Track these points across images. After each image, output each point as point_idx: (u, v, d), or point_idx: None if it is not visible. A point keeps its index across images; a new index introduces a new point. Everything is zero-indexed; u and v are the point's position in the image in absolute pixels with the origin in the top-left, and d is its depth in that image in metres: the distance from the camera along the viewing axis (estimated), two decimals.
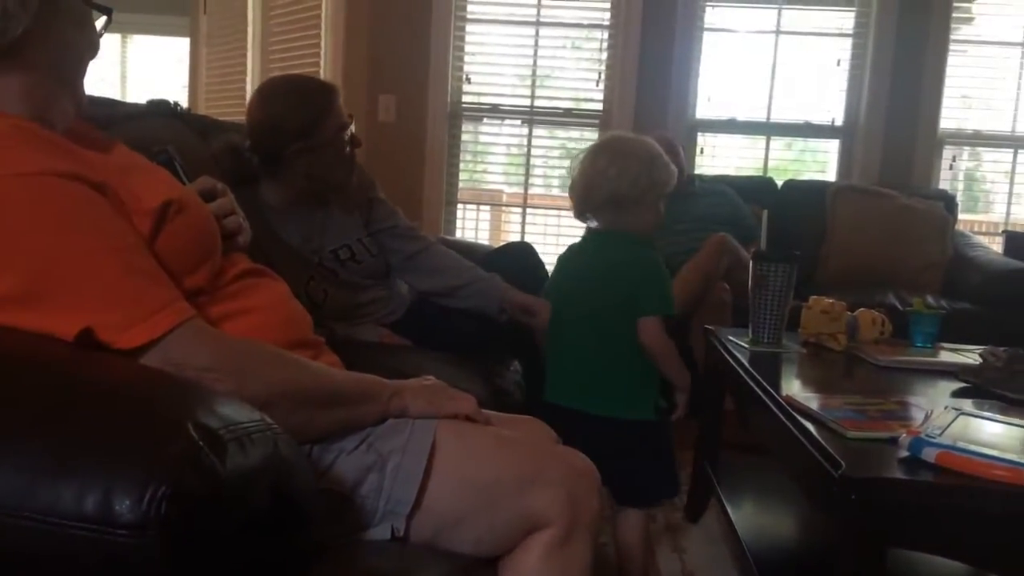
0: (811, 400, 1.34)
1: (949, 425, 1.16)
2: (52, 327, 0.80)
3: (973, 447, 1.07)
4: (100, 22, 1.00)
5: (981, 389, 1.53)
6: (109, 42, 6.33)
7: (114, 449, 0.63)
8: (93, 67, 1.02)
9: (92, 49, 0.99)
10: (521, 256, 2.14)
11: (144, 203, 0.92)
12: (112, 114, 1.54)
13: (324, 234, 1.88)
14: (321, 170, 1.80)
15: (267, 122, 1.76)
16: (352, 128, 1.85)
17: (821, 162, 4.14)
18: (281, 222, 1.82)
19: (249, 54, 4.06)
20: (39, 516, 0.61)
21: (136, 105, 1.80)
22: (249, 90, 4.16)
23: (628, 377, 1.62)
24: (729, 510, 1.80)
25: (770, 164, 4.00)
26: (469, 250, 2.48)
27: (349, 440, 1.00)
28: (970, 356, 1.78)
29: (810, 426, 1.23)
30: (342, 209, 1.93)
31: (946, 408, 1.26)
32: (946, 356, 1.84)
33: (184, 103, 1.99)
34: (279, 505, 0.72)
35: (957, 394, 1.53)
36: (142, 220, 0.91)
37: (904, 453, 1.10)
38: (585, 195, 1.66)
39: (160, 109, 1.78)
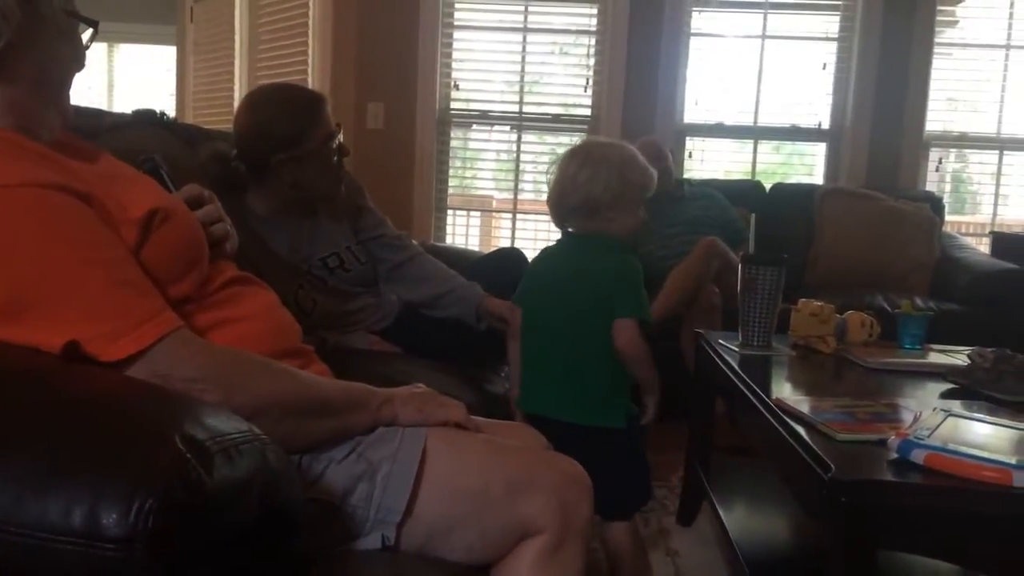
0: (801, 403, 1.34)
1: (938, 427, 1.17)
2: (38, 340, 0.80)
3: (961, 448, 1.08)
4: (87, 35, 1.00)
5: (969, 390, 1.54)
6: (96, 51, 6.30)
7: (100, 462, 0.63)
8: (80, 76, 1.01)
9: (78, 62, 0.99)
10: (510, 262, 2.13)
11: (130, 212, 0.91)
12: (98, 124, 1.53)
13: (313, 242, 1.88)
14: (308, 180, 1.79)
15: (254, 131, 1.76)
16: (340, 137, 1.85)
17: (808, 165, 4.17)
18: (269, 231, 1.82)
19: (236, 63, 4.05)
20: (26, 530, 0.60)
21: (122, 115, 1.80)
22: (237, 99, 4.15)
23: (599, 384, 1.59)
24: (721, 513, 1.80)
25: (758, 167, 4.02)
26: (459, 256, 2.48)
27: (339, 449, 1.00)
28: (958, 357, 1.79)
29: (800, 429, 1.24)
30: (330, 218, 1.93)
31: (935, 410, 1.27)
32: (935, 357, 1.84)
33: (171, 112, 1.99)
34: (268, 516, 0.71)
35: (946, 395, 1.54)
36: (128, 229, 0.90)
37: (893, 455, 1.10)
38: (559, 201, 1.66)
39: (146, 118, 1.78)
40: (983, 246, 3.67)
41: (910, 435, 1.10)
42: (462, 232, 4.22)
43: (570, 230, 1.71)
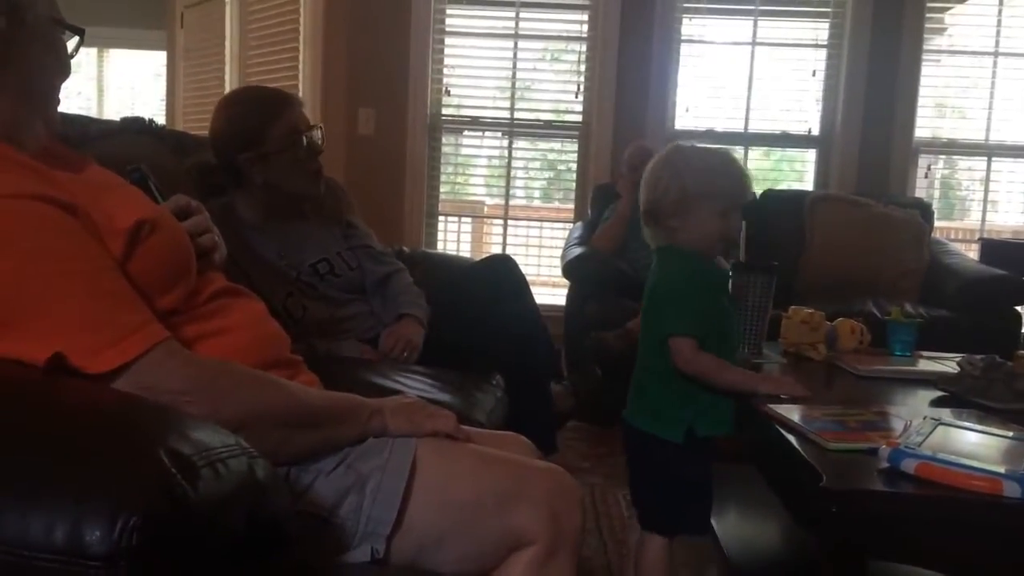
0: (792, 411, 1.34)
1: (928, 435, 1.17)
2: (21, 353, 0.79)
3: (951, 458, 1.08)
4: (72, 43, 0.99)
5: (959, 398, 1.54)
6: (85, 56, 6.29)
7: (84, 478, 0.62)
8: (69, 81, 1.00)
9: (63, 71, 0.98)
10: (501, 269, 2.13)
11: (116, 223, 0.90)
12: (85, 132, 1.52)
13: (302, 248, 1.87)
14: (276, 178, 1.79)
15: (218, 133, 1.79)
16: (318, 136, 1.84)
17: (799, 172, 4.19)
18: (257, 237, 1.82)
19: (227, 68, 4.04)
20: (7, 547, 0.59)
21: (110, 122, 1.78)
22: None
23: (653, 395, 1.54)
24: (713, 521, 1.80)
25: (749, 174, 4.02)
26: (449, 263, 2.48)
27: (327, 461, 0.99)
28: (948, 364, 1.79)
29: (791, 438, 1.24)
30: (319, 222, 1.92)
31: (925, 418, 1.27)
32: (925, 364, 1.85)
33: (161, 118, 1.98)
34: (255, 529, 0.71)
35: (936, 403, 1.54)
36: (114, 240, 0.90)
37: (884, 464, 1.10)
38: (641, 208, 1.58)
39: (134, 126, 1.77)
40: (972, 252, 3.69)
41: (900, 444, 1.10)
42: (453, 238, 4.22)
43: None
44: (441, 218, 4.11)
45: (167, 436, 0.67)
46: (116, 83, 6.19)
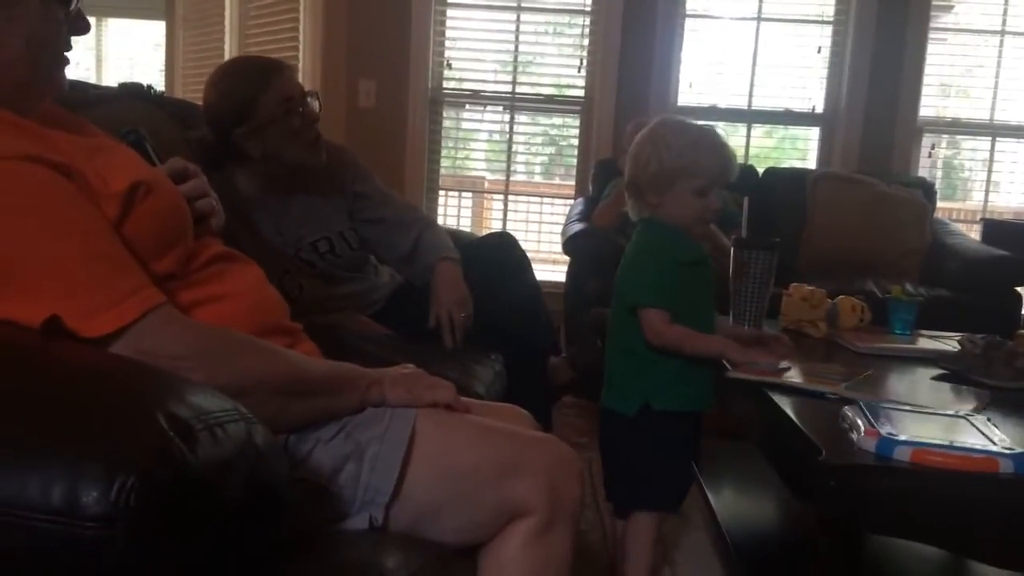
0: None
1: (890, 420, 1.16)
2: (17, 315, 0.78)
3: (942, 441, 1.09)
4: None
5: (960, 376, 1.54)
6: None
7: (81, 439, 0.61)
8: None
9: (73, 24, 0.95)
10: (502, 247, 2.11)
11: (112, 185, 0.89)
12: (84, 97, 1.50)
13: (302, 224, 1.84)
14: (273, 150, 1.74)
15: (210, 109, 1.75)
16: (314, 104, 1.79)
17: (802, 150, 4.16)
18: (256, 213, 1.78)
19: (227, 38, 4.00)
20: (3, 508, 0.59)
21: (108, 88, 1.76)
22: None
23: (616, 369, 1.54)
24: (710, 497, 1.81)
25: (751, 151, 4.01)
26: (453, 238, 2.46)
27: (326, 429, 0.99)
28: (948, 343, 1.79)
29: (790, 412, 1.24)
30: (322, 195, 1.89)
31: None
32: (924, 343, 1.85)
33: (160, 87, 1.95)
34: (253, 495, 0.70)
35: (936, 380, 1.54)
36: (110, 203, 0.88)
37: (872, 454, 1.09)
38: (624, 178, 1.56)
39: (133, 92, 1.75)
40: (974, 232, 3.68)
41: (882, 433, 1.10)
42: (453, 213, 4.20)
43: None
44: (441, 193, 4.09)
45: (165, 399, 0.67)
46: (115, 52, 6.13)
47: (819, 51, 3.87)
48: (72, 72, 1.00)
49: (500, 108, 4.02)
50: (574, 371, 2.27)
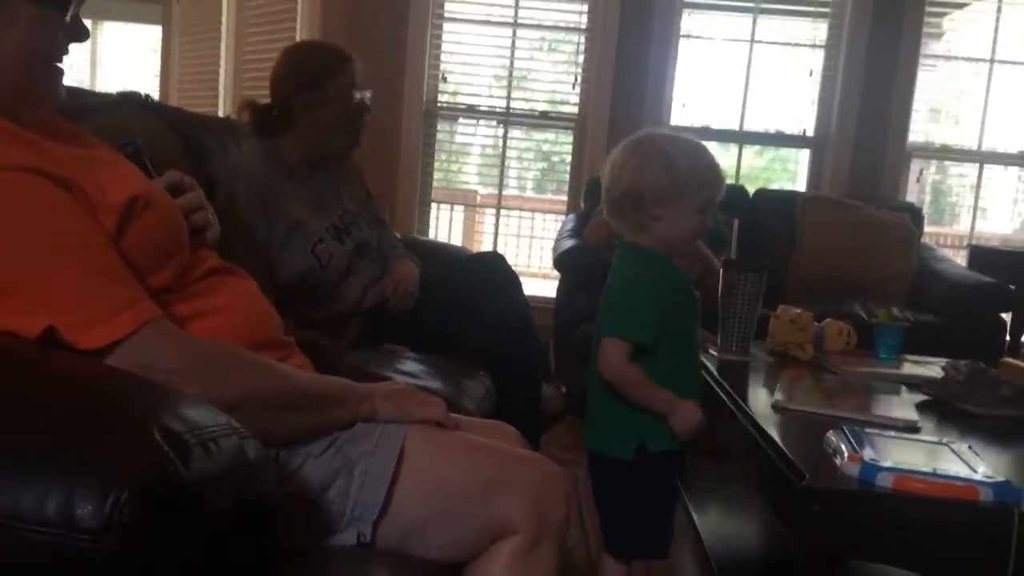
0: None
1: (874, 446, 1.17)
2: (14, 325, 0.79)
3: (924, 468, 1.10)
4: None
5: (943, 402, 1.56)
6: None
7: (76, 452, 0.62)
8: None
9: (70, 30, 0.95)
10: (493, 266, 2.14)
11: (110, 198, 0.90)
12: (81, 105, 1.51)
13: (337, 199, 1.98)
14: (324, 124, 1.90)
15: (284, 71, 1.91)
16: (368, 98, 1.96)
17: (792, 171, 4.20)
18: (295, 180, 1.90)
19: (223, 45, 4.01)
20: None
21: (106, 95, 1.77)
22: (222, 82, 4.10)
23: (603, 407, 1.44)
24: (694, 517, 1.81)
25: (743, 171, 4.04)
26: (441, 252, 2.48)
27: (317, 444, 0.99)
28: (933, 368, 1.81)
29: (775, 435, 1.25)
30: (350, 183, 2.06)
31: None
32: (909, 368, 1.86)
33: (155, 92, 1.98)
34: (245, 510, 0.71)
35: (920, 407, 1.55)
36: (107, 216, 0.89)
37: (856, 480, 1.10)
38: (606, 196, 1.48)
39: (131, 101, 1.75)
40: (961, 258, 3.72)
41: (864, 459, 1.11)
42: (445, 226, 4.21)
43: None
44: (433, 206, 4.10)
45: (160, 413, 0.67)
46: (110, 56, 6.13)
47: (811, 74, 3.91)
48: (67, 74, 1.00)
49: (494, 123, 4.04)
50: (567, 399, 2.27)
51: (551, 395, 2.25)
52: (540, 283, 3.84)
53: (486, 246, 4.11)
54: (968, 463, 1.15)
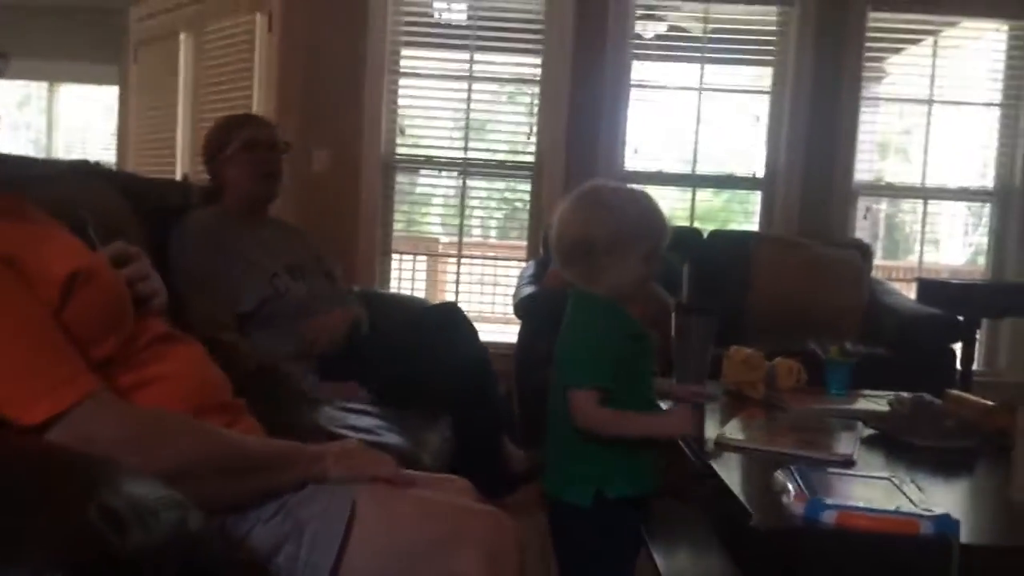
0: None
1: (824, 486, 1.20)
2: None
3: (863, 503, 1.13)
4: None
5: (888, 436, 1.60)
6: (36, 90, 6.21)
7: (11, 532, 0.62)
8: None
9: None
10: (451, 317, 2.17)
11: (52, 272, 0.91)
12: (28, 175, 1.51)
13: (282, 248, 2.17)
14: (234, 177, 2.17)
15: (202, 147, 2.25)
16: (280, 147, 2.23)
17: (749, 211, 4.30)
18: (247, 228, 2.13)
19: (180, 105, 4.03)
20: None
21: (56, 163, 1.78)
22: (180, 141, 4.12)
23: (568, 451, 1.44)
24: (656, 558, 1.82)
25: (698, 210, 4.13)
26: (402, 305, 2.51)
27: (266, 508, 0.99)
28: (882, 403, 1.85)
29: (723, 476, 1.27)
30: (296, 239, 2.26)
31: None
32: (861, 403, 1.91)
33: (112, 152, 2.03)
34: None
35: (866, 441, 1.59)
36: (48, 289, 0.90)
37: (800, 518, 1.12)
38: (556, 244, 1.50)
39: (81, 169, 1.76)
40: (912, 291, 3.81)
41: (810, 497, 1.13)
42: (408, 275, 4.22)
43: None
44: (395, 256, 4.12)
45: (96, 489, 0.68)
46: (67, 117, 6.12)
47: (757, 120, 4.03)
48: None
49: (454, 173, 4.10)
50: (531, 464, 2.27)
51: (516, 456, 2.26)
52: (502, 328, 3.86)
53: (448, 294, 4.13)
54: (910, 497, 1.19)
